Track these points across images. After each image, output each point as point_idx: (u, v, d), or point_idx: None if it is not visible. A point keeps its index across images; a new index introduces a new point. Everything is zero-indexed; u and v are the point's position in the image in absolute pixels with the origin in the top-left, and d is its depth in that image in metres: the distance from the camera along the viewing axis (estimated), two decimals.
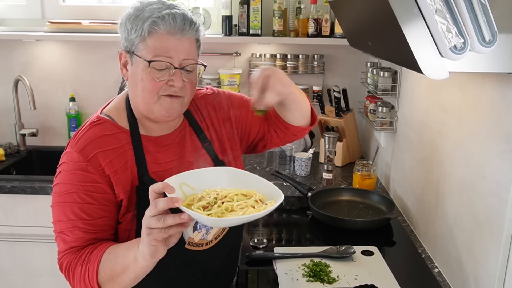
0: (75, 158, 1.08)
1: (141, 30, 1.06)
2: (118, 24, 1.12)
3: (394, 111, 1.99)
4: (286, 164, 2.28)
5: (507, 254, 1.08)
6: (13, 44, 2.52)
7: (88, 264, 1.04)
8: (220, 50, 2.50)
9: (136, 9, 1.09)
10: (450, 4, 0.79)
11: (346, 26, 1.57)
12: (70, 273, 1.07)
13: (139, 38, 1.07)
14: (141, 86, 1.09)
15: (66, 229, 1.08)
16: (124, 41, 1.10)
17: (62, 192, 1.08)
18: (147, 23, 1.05)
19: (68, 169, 1.08)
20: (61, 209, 1.08)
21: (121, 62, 1.13)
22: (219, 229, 1.20)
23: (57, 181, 1.10)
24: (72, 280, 1.08)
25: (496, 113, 1.11)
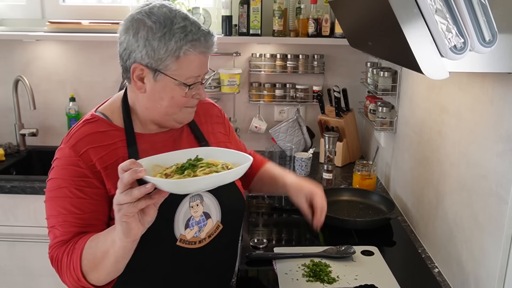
0: (66, 153, 1.09)
1: (175, 50, 1.06)
2: (129, 34, 1.08)
3: (394, 111, 1.99)
4: (286, 164, 2.28)
5: (507, 254, 1.08)
6: (13, 44, 2.52)
7: (72, 253, 1.04)
8: (220, 50, 2.49)
9: (160, 25, 1.05)
10: (450, 4, 0.79)
11: (346, 26, 1.57)
12: (58, 264, 1.07)
13: (171, 58, 1.06)
14: (170, 102, 1.12)
15: (57, 224, 1.08)
16: (146, 57, 1.07)
17: (54, 187, 1.09)
18: (185, 45, 1.06)
19: (60, 164, 1.10)
20: (53, 204, 1.09)
21: (134, 74, 1.10)
22: (213, 227, 1.19)
23: (50, 177, 1.11)
24: (60, 271, 1.07)
25: (496, 113, 1.11)
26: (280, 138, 2.37)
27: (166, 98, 1.11)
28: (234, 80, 2.44)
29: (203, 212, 1.17)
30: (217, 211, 1.19)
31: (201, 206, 1.16)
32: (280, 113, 2.59)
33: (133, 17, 1.09)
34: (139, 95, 1.14)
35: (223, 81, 2.44)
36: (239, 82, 2.47)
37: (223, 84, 2.45)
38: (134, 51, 1.08)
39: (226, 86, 2.44)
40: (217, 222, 1.20)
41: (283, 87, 2.52)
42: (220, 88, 2.47)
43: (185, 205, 1.14)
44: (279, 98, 2.52)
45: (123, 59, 1.12)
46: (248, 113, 2.59)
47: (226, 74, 2.43)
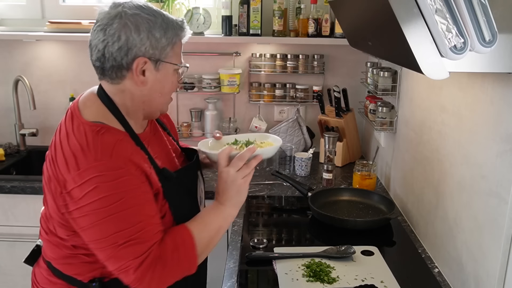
0: (112, 166, 1.03)
1: (173, 37, 1.12)
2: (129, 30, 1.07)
3: (394, 111, 1.99)
4: (286, 164, 2.28)
5: (507, 254, 1.08)
6: (13, 44, 2.53)
7: (180, 248, 1.09)
8: (220, 50, 2.50)
9: (155, 16, 1.10)
10: (450, 4, 0.79)
11: (346, 26, 1.57)
12: (158, 266, 1.05)
13: (170, 46, 1.12)
14: (169, 89, 1.18)
15: (143, 229, 1.04)
16: (150, 49, 1.09)
17: (113, 203, 1.02)
18: (179, 31, 1.14)
19: (108, 180, 1.02)
20: (121, 219, 1.03)
21: (138, 69, 1.10)
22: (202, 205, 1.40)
23: (97, 197, 1.01)
24: (162, 270, 1.06)
25: (496, 113, 1.11)
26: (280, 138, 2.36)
27: (167, 85, 1.16)
28: (234, 80, 2.44)
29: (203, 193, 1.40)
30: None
31: (202, 187, 1.39)
32: (280, 113, 2.59)
33: (121, 15, 1.07)
34: (136, 92, 1.13)
35: (223, 81, 2.44)
36: (239, 82, 2.47)
37: (223, 84, 2.45)
38: (135, 46, 1.08)
39: (226, 86, 2.44)
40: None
41: (283, 87, 2.52)
42: (220, 88, 2.47)
43: (200, 186, 1.34)
44: (279, 98, 2.52)
45: (114, 58, 1.09)
46: (248, 113, 2.59)
47: (226, 74, 2.43)
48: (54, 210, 1.11)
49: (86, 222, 1.03)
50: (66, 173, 1.04)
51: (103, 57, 1.11)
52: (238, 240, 1.60)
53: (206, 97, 2.53)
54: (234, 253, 1.51)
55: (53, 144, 1.12)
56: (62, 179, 1.05)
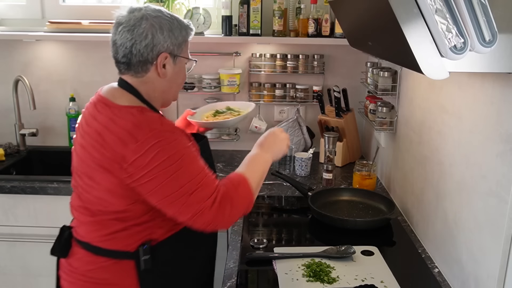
0: (165, 132, 1.21)
1: (185, 36, 1.33)
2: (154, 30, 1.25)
3: (394, 111, 1.99)
4: (286, 164, 2.28)
5: (507, 254, 1.08)
6: (13, 44, 2.52)
7: (238, 186, 1.27)
8: (220, 50, 2.50)
9: (172, 19, 1.29)
10: (450, 4, 0.79)
11: (346, 26, 1.57)
12: (229, 200, 1.23)
13: (184, 43, 1.33)
14: (182, 80, 1.38)
15: (205, 176, 1.23)
16: (171, 46, 1.28)
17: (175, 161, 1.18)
18: (189, 30, 1.34)
19: (166, 143, 1.19)
20: (185, 172, 1.20)
21: (161, 63, 1.28)
22: None
23: (161, 159, 1.17)
24: (232, 205, 1.24)
25: (496, 113, 1.11)
26: None
27: (181, 76, 1.37)
28: (234, 80, 2.44)
29: None
30: None
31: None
32: (280, 113, 2.59)
33: (146, 17, 1.26)
34: (157, 83, 1.31)
35: (223, 81, 2.44)
36: (239, 82, 2.47)
37: (223, 84, 2.45)
38: (159, 43, 1.26)
39: (226, 86, 2.44)
40: None
41: (283, 87, 2.52)
42: (220, 88, 2.47)
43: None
44: (279, 98, 2.52)
45: (141, 54, 1.25)
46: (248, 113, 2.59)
47: (226, 74, 2.43)
48: (114, 186, 1.21)
49: (155, 183, 1.18)
50: (123, 149, 1.17)
51: (130, 54, 1.26)
52: (238, 240, 1.60)
53: (206, 97, 2.53)
54: (234, 253, 1.51)
55: (92, 134, 1.24)
56: (119, 155, 1.17)
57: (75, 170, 1.32)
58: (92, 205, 1.27)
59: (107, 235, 1.27)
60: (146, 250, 1.26)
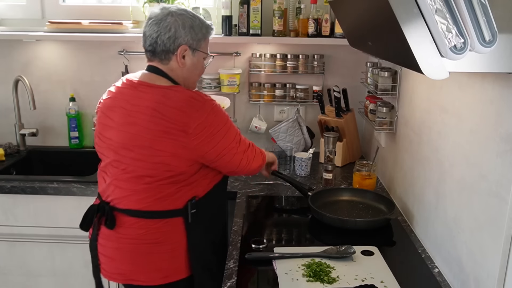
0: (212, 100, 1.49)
1: (205, 33, 1.56)
2: (177, 25, 1.49)
3: (394, 111, 1.99)
4: (286, 164, 2.28)
5: (507, 254, 1.08)
6: (13, 44, 2.53)
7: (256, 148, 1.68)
8: (220, 50, 2.50)
9: (194, 18, 1.52)
10: (450, 4, 0.79)
11: (346, 26, 1.57)
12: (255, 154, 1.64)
13: (203, 39, 1.56)
14: (200, 70, 1.61)
15: (240, 136, 1.57)
16: (191, 40, 1.51)
17: (226, 122, 1.50)
18: (209, 30, 1.58)
19: (217, 109, 1.48)
20: (233, 130, 1.53)
21: (179, 54, 1.51)
22: None
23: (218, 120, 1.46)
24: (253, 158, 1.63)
25: (496, 113, 1.11)
26: (280, 138, 2.37)
27: (199, 67, 1.59)
28: (234, 80, 2.44)
29: None
30: None
31: None
32: (280, 113, 2.59)
33: (172, 14, 1.49)
34: (179, 70, 1.53)
35: (223, 81, 2.44)
36: (239, 82, 2.47)
37: (223, 84, 2.45)
38: (180, 36, 1.49)
39: (226, 86, 2.44)
40: None
41: (283, 87, 2.52)
42: (220, 88, 2.47)
43: None
44: (279, 98, 2.52)
45: (165, 44, 1.49)
46: (248, 113, 2.59)
47: (226, 74, 2.43)
48: (178, 149, 1.42)
49: (215, 142, 1.45)
50: (184, 117, 1.41)
51: (155, 43, 1.50)
52: (238, 240, 1.60)
53: None
54: (234, 253, 1.51)
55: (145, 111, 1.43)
56: (182, 123, 1.40)
57: (121, 145, 1.46)
58: (147, 171, 1.44)
59: (160, 199, 1.46)
60: (194, 205, 1.49)
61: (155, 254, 1.48)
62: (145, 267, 1.49)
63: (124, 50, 2.48)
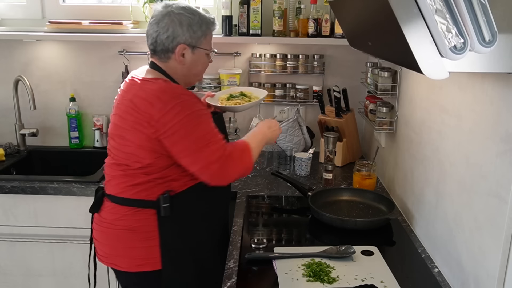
0: (184, 94, 1.45)
1: (206, 30, 1.55)
2: (175, 25, 1.50)
3: (394, 111, 1.99)
4: (286, 164, 2.28)
5: (507, 254, 1.08)
6: (13, 44, 2.53)
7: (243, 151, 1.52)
8: (220, 50, 2.50)
9: (193, 15, 1.53)
10: (450, 4, 0.79)
11: (346, 26, 1.57)
12: (229, 157, 1.46)
13: (203, 36, 1.55)
14: (202, 67, 1.61)
15: (214, 136, 1.45)
16: (189, 38, 1.52)
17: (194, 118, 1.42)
18: (211, 25, 1.57)
19: (186, 104, 1.42)
20: (200, 128, 1.43)
21: (178, 52, 1.52)
22: None
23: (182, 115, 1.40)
24: (231, 162, 1.46)
25: (496, 113, 1.11)
26: (280, 138, 2.36)
27: (200, 64, 1.59)
28: (234, 80, 2.44)
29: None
30: None
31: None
32: (280, 113, 2.59)
33: (170, 13, 1.50)
34: (178, 67, 1.55)
35: (223, 81, 2.44)
36: (239, 82, 2.47)
37: (223, 84, 2.45)
38: (178, 35, 1.51)
39: (226, 86, 2.44)
40: None
41: (283, 87, 2.52)
42: (220, 88, 2.47)
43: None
44: (279, 98, 2.52)
45: (163, 44, 1.51)
46: (248, 113, 2.59)
47: (226, 74, 2.43)
48: (143, 141, 1.44)
49: (176, 137, 1.41)
50: (150, 109, 1.41)
51: (155, 42, 1.53)
52: (238, 240, 1.60)
53: None
54: (234, 253, 1.51)
55: (125, 102, 1.48)
56: (148, 114, 1.41)
57: (111, 134, 1.56)
58: (123, 160, 1.51)
59: (132, 186, 1.49)
60: (166, 199, 1.48)
61: (130, 241, 1.52)
62: (122, 252, 1.54)
63: (124, 50, 2.48)
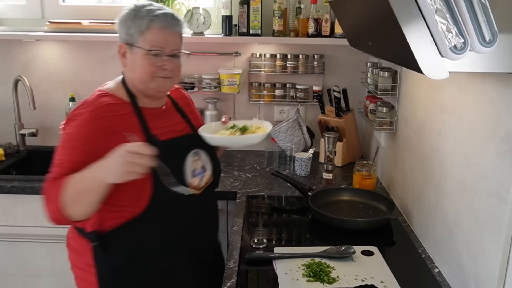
0: (86, 116, 1.31)
1: (140, 26, 1.34)
2: (117, 23, 1.40)
3: (394, 111, 1.99)
4: (286, 164, 2.28)
5: (507, 254, 1.08)
6: (13, 44, 2.52)
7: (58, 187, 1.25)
8: (220, 50, 2.50)
9: (133, 10, 1.36)
10: (450, 4, 0.79)
11: (346, 26, 1.57)
12: (45, 195, 1.29)
13: (138, 33, 1.35)
14: (142, 70, 1.37)
15: (58, 165, 1.30)
16: (125, 36, 1.37)
17: (66, 139, 1.31)
18: (145, 21, 1.34)
19: (77, 124, 1.31)
20: (62, 150, 1.31)
21: (120, 53, 1.40)
22: (209, 178, 1.50)
23: (66, 131, 1.32)
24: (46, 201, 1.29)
25: (496, 113, 1.11)
26: (280, 138, 2.37)
27: (139, 66, 1.37)
28: (234, 80, 2.44)
29: (201, 166, 1.47)
30: (209, 166, 1.51)
31: (200, 161, 1.47)
32: (280, 113, 2.59)
33: (122, 11, 1.39)
34: (124, 70, 1.42)
35: (223, 81, 2.44)
36: (239, 82, 2.47)
37: (223, 84, 2.45)
38: (119, 34, 1.40)
39: (226, 86, 2.44)
40: (211, 175, 1.51)
41: (283, 87, 2.52)
42: (220, 88, 2.47)
43: (190, 159, 1.43)
44: (279, 98, 2.52)
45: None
46: (248, 113, 2.59)
47: (226, 74, 2.43)
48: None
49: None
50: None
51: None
52: (238, 240, 1.60)
53: (206, 97, 2.53)
54: (234, 253, 1.51)
55: None
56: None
57: None
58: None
59: None
60: (93, 238, 1.36)
61: (74, 260, 1.49)
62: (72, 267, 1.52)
63: None
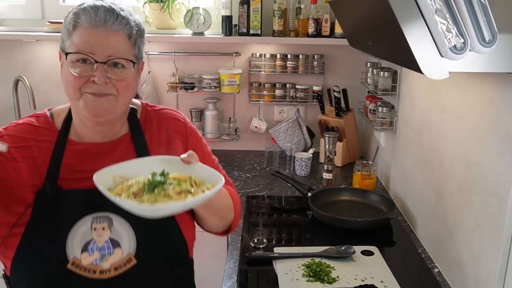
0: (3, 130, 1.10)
1: (68, 25, 1.05)
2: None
3: (394, 111, 1.99)
4: (286, 164, 2.28)
5: (507, 254, 1.08)
6: (13, 44, 2.52)
7: None
8: (220, 50, 2.50)
9: (70, 12, 1.08)
10: (450, 4, 0.79)
11: (346, 26, 1.57)
12: None
13: (67, 35, 1.05)
14: (65, 81, 1.06)
15: None
16: (61, 41, 1.08)
17: None
18: (71, 17, 1.04)
19: None
20: None
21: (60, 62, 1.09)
22: (122, 259, 1.04)
23: None
24: None
25: (496, 113, 1.11)
26: (280, 138, 2.37)
27: (64, 75, 1.07)
28: (234, 80, 2.44)
29: (109, 239, 1.03)
30: (130, 242, 1.04)
31: (108, 230, 1.03)
32: (280, 113, 2.59)
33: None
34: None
35: (223, 81, 2.44)
36: (239, 82, 2.47)
37: (223, 84, 2.45)
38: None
39: (226, 86, 2.44)
40: (128, 255, 1.04)
41: (283, 87, 2.52)
42: (220, 88, 2.47)
43: (86, 224, 1.02)
44: (279, 98, 2.52)
45: None
46: (248, 113, 2.59)
47: (226, 74, 2.43)
48: None
49: None
50: None
51: None
52: (238, 240, 1.60)
53: (206, 97, 2.53)
54: (234, 253, 1.51)
55: None
56: None
57: None
58: None
59: None
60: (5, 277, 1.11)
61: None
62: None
63: None
